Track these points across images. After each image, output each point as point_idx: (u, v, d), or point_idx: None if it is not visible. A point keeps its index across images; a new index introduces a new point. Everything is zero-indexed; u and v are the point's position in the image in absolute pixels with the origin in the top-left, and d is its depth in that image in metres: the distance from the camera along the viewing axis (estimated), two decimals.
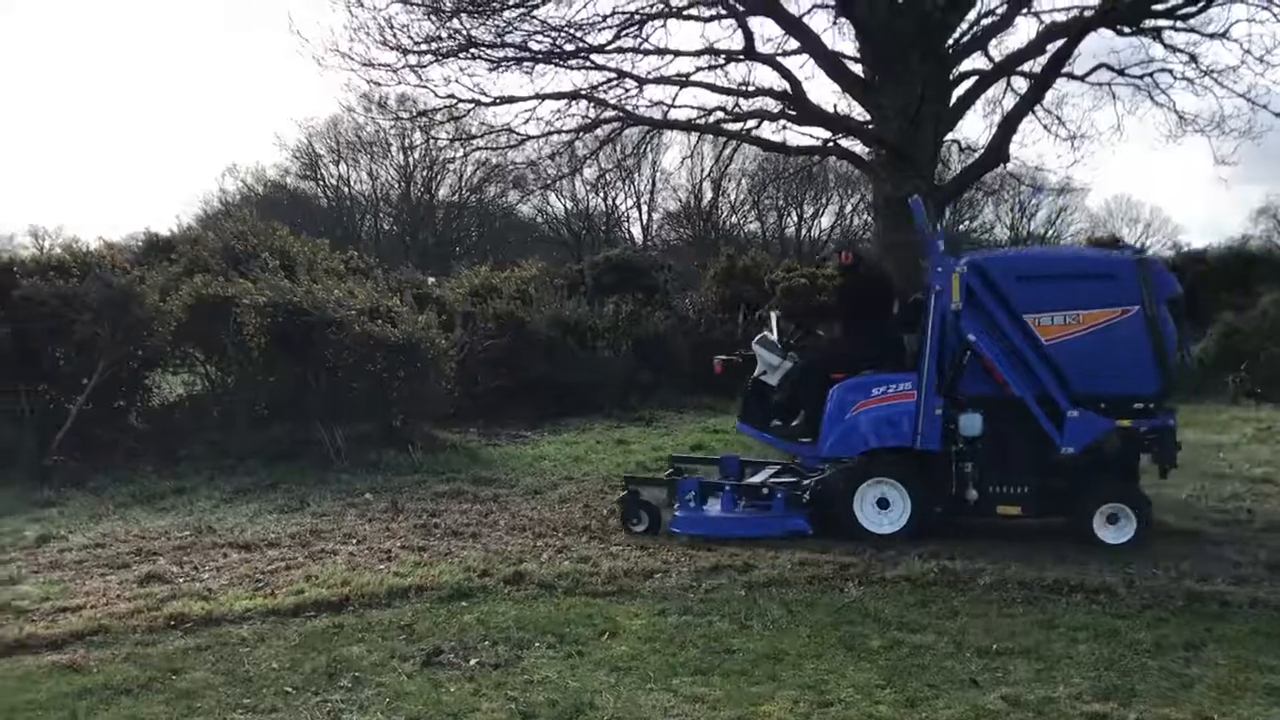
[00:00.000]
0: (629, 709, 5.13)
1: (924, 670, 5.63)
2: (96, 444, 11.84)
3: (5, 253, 15.64)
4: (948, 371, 8.19)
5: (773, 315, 9.92)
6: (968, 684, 5.44)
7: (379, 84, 12.14)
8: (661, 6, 12.31)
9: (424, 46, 11.59)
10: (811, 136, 13.67)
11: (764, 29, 12.61)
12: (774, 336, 9.25)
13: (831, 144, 13.37)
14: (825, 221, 55.03)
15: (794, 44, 12.79)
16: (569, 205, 54.42)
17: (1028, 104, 12.88)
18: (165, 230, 21.76)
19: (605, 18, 12.14)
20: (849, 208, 52.62)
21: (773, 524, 8.47)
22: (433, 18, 11.54)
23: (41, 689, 5.44)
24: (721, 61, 12.57)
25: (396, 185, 55.75)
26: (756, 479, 9.23)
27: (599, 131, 13.94)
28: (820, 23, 18.88)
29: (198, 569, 7.59)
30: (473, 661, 5.75)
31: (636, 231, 55.29)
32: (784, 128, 13.40)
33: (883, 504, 8.34)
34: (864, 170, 14.65)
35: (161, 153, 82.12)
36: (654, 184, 54.17)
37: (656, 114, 13.55)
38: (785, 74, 12.52)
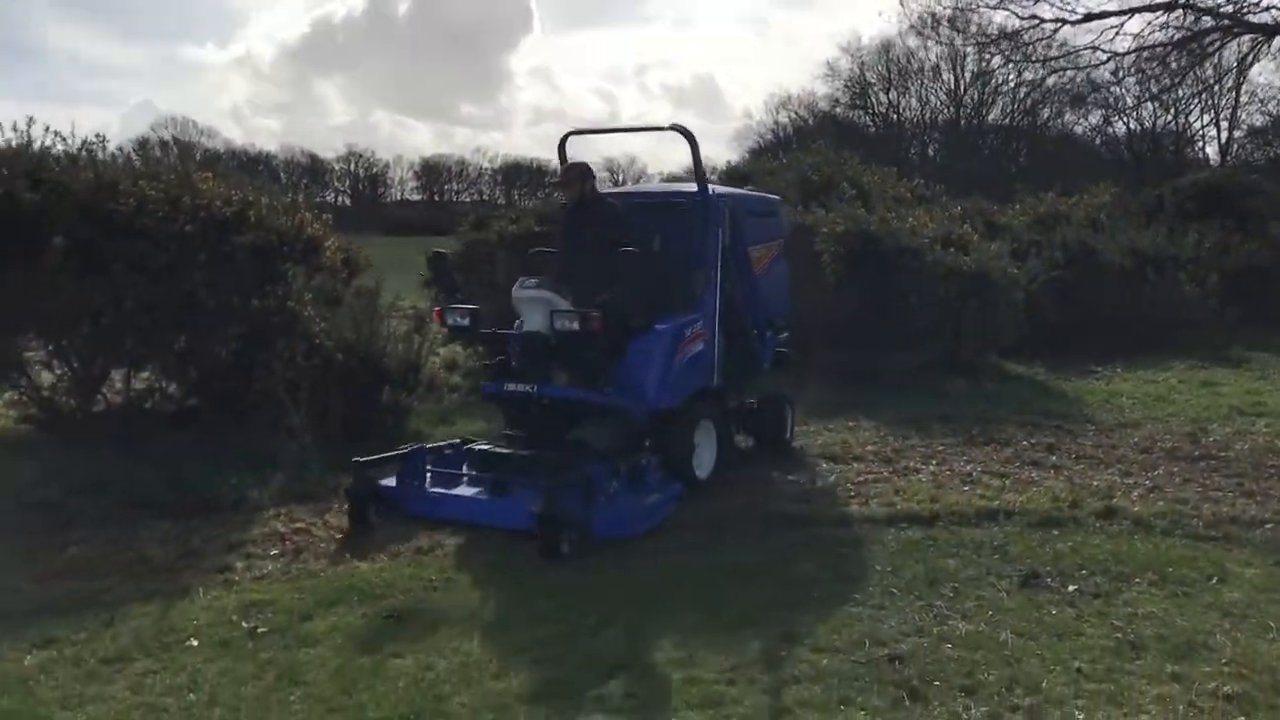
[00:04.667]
0: (1248, 656, 4.90)
1: None
2: None
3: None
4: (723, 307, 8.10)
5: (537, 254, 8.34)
6: None
7: (972, 9, 12.01)
8: None
9: None
10: None
11: None
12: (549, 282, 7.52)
13: None
14: None
15: None
16: (1133, 125, 50.23)
17: None
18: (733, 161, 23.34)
19: None
20: None
21: (670, 499, 7.19)
22: None
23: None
24: None
25: (946, 110, 54.92)
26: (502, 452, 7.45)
27: (1194, 45, 12.73)
28: None
29: (794, 474, 8.27)
30: (1071, 588, 5.79)
31: (1211, 151, 49.77)
32: None
33: None
34: None
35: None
36: (1237, 98, 48.27)
37: (1267, 19, 12.11)
38: None
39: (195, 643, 5.03)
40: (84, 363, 8.62)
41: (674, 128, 7.99)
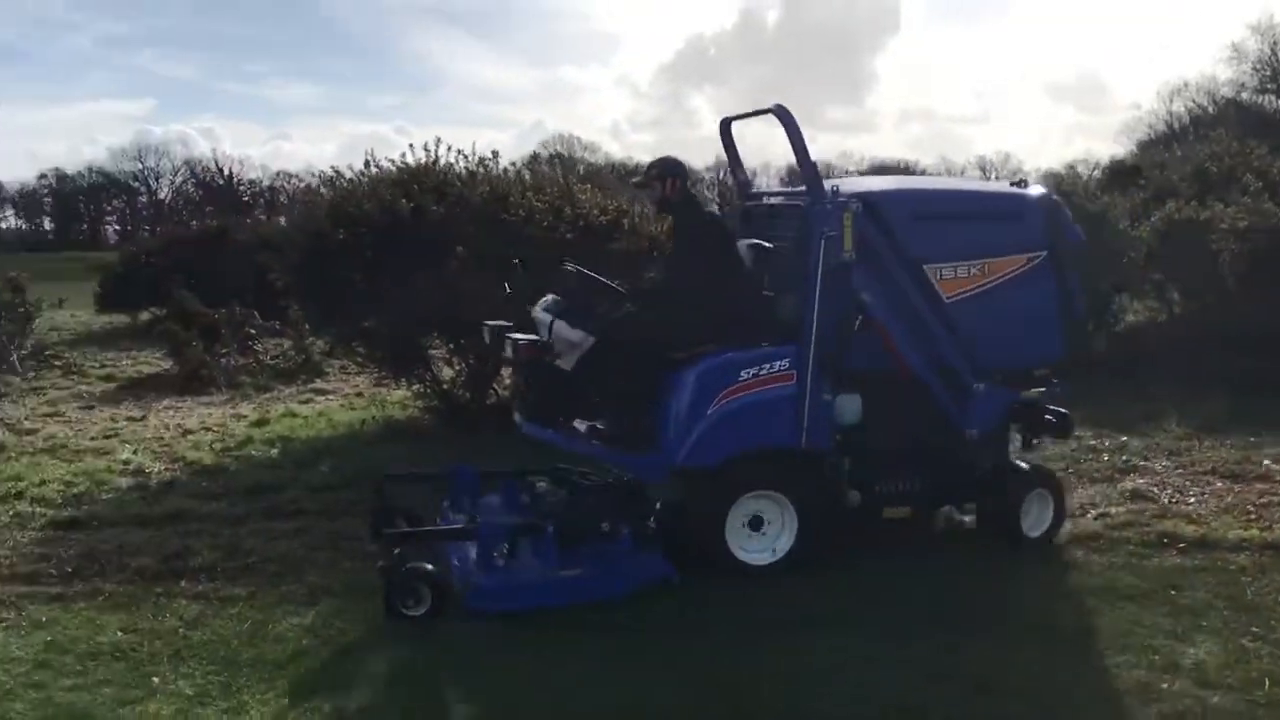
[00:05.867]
0: None
1: None
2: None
3: None
4: (834, 343, 6.07)
5: (571, 267, 6.51)
6: None
7: None
8: None
9: None
10: None
11: None
12: (563, 301, 6.28)
13: None
14: None
15: None
16: None
17: None
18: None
19: None
20: None
21: (623, 576, 5.78)
22: None
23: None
24: None
25: None
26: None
27: None
28: None
29: (1182, 492, 7.65)
30: None
31: None
32: None
33: (754, 524, 6.10)
34: None
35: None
36: None
37: None
38: None
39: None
40: (479, 360, 9.46)
41: (772, 110, 6.39)
